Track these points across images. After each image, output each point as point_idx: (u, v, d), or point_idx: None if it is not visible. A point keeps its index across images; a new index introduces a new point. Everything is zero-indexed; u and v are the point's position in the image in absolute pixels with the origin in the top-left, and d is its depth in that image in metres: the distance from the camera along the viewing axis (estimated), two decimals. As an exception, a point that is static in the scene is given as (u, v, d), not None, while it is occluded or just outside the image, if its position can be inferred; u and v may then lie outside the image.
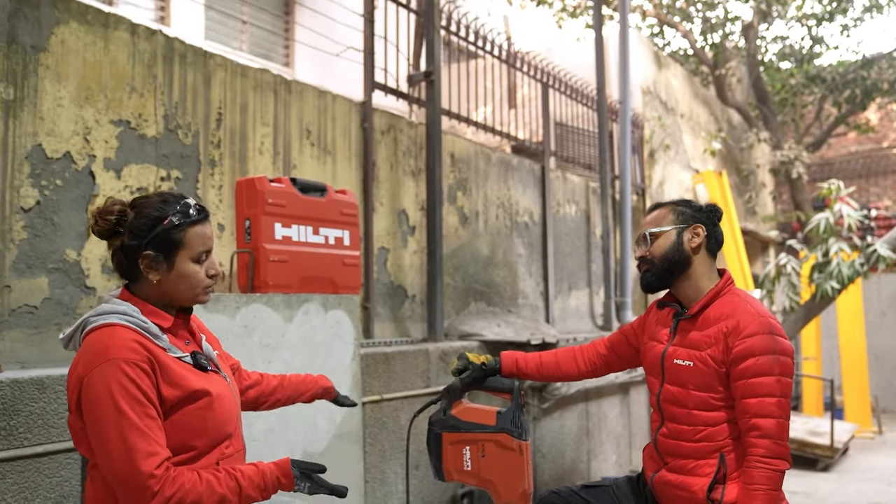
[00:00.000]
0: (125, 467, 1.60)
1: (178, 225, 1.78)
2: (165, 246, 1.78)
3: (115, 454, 1.60)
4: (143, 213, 1.79)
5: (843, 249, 6.72)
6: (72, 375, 1.70)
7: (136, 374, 1.65)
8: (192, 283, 1.82)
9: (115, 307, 1.76)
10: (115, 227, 1.78)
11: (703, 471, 2.13)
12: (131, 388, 1.63)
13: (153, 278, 1.79)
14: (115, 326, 1.71)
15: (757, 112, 11.56)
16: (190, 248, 1.80)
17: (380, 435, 3.81)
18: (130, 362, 1.65)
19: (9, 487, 2.33)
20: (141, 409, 1.64)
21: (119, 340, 1.68)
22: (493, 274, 5.69)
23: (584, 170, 7.41)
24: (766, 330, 2.10)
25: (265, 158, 3.92)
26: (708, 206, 2.32)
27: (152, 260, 1.78)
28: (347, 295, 3.35)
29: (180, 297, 1.84)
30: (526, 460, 2.26)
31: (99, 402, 1.62)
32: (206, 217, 1.85)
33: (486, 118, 6.08)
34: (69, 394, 1.71)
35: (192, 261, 1.81)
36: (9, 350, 2.82)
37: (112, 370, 1.64)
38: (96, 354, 1.66)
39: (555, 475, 5.25)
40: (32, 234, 2.93)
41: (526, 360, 2.48)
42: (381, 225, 4.64)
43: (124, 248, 1.78)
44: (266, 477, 1.77)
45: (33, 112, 2.94)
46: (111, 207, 1.78)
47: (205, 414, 1.77)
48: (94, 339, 1.70)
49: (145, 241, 1.77)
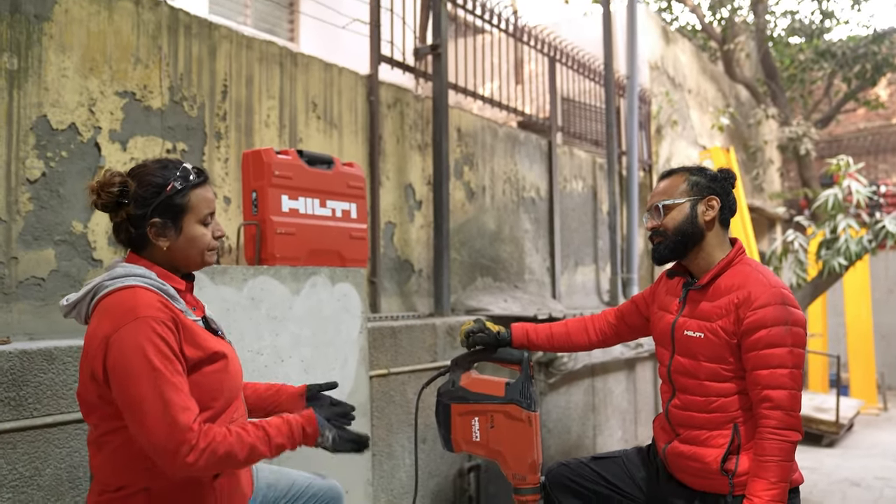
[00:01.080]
0: (163, 422, 1.60)
1: (181, 189, 1.79)
2: (172, 211, 1.78)
3: (152, 410, 1.60)
4: (145, 181, 1.78)
5: (852, 226, 6.69)
6: (94, 339, 1.68)
7: (164, 332, 1.66)
8: (201, 246, 1.83)
9: (131, 270, 1.76)
10: (118, 198, 1.77)
11: (716, 441, 2.11)
12: (162, 346, 1.64)
13: (163, 244, 1.79)
14: (135, 288, 1.71)
15: (765, 88, 11.44)
16: (196, 212, 1.82)
17: (387, 409, 3.81)
18: (159, 321, 1.66)
19: (19, 457, 2.33)
20: (172, 366, 1.65)
21: (144, 299, 1.68)
22: (500, 249, 5.67)
23: (591, 145, 7.36)
24: (778, 300, 2.07)
25: (271, 131, 3.89)
26: (722, 174, 2.26)
27: (160, 226, 1.78)
28: (355, 268, 3.34)
29: (190, 261, 1.84)
30: (535, 431, 2.26)
31: (131, 359, 1.62)
32: (206, 180, 1.86)
33: (492, 93, 6.03)
34: (90, 359, 1.69)
35: (199, 223, 1.83)
36: (16, 322, 2.82)
37: (143, 328, 1.63)
38: (124, 314, 1.66)
39: (561, 450, 5.27)
40: (38, 206, 2.92)
41: (536, 331, 2.47)
42: (388, 199, 4.62)
43: (131, 219, 1.78)
44: (292, 426, 1.78)
45: (38, 83, 2.91)
46: (112, 179, 1.77)
47: (221, 376, 1.79)
48: (117, 301, 1.69)
49: (151, 208, 1.77)
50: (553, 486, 2.38)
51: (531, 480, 2.27)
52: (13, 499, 2.31)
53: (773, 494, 1.98)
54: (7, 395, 2.31)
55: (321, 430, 1.84)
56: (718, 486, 2.11)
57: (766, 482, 1.98)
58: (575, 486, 2.36)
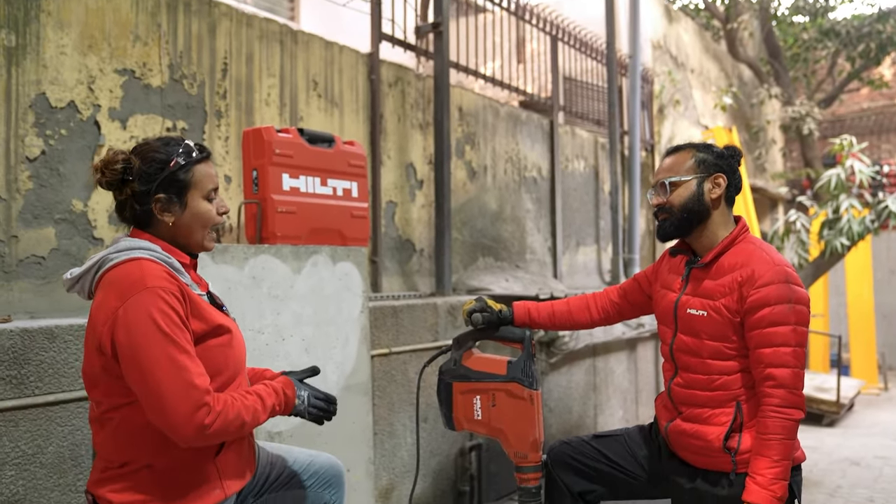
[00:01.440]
0: (180, 386, 1.61)
1: (184, 165, 1.80)
2: (176, 186, 1.79)
3: (167, 377, 1.61)
4: (148, 157, 1.79)
5: (854, 206, 6.65)
6: (101, 311, 1.68)
7: (173, 301, 1.67)
8: (205, 221, 1.84)
9: (136, 243, 1.76)
10: (122, 176, 1.78)
11: (718, 420, 2.11)
12: (173, 315, 1.65)
13: (168, 220, 1.80)
14: (141, 260, 1.72)
15: (768, 67, 11.37)
16: (200, 187, 1.83)
17: (388, 388, 3.82)
18: (167, 291, 1.67)
19: (21, 435, 2.34)
20: (184, 335, 1.67)
21: (151, 270, 1.69)
22: (501, 229, 5.66)
23: (593, 125, 7.32)
24: (781, 278, 2.06)
25: (272, 110, 3.86)
26: (728, 151, 2.24)
27: (165, 202, 1.79)
28: (356, 247, 3.33)
29: (193, 238, 1.85)
30: (536, 409, 2.26)
31: (141, 328, 1.62)
32: (208, 156, 1.88)
33: (494, 72, 5.99)
34: (96, 332, 1.69)
35: (204, 198, 1.84)
36: (17, 300, 2.82)
37: (152, 297, 1.64)
38: (131, 285, 1.66)
39: (562, 429, 5.28)
40: (38, 185, 2.90)
41: (538, 309, 2.46)
42: (389, 178, 4.60)
43: (135, 196, 1.79)
44: (276, 389, 1.86)
45: (36, 60, 2.89)
46: (115, 157, 1.78)
47: (225, 350, 1.80)
48: (123, 273, 1.69)
49: (156, 184, 1.78)
50: (555, 463, 2.39)
51: (533, 458, 2.28)
52: (16, 476, 2.32)
53: (775, 472, 1.98)
54: (8, 373, 2.31)
55: (297, 392, 1.92)
56: (720, 463, 2.11)
57: (769, 460, 1.98)
58: (576, 463, 2.36)
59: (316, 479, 2.15)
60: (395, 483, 3.85)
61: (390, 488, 3.82)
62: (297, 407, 1.91)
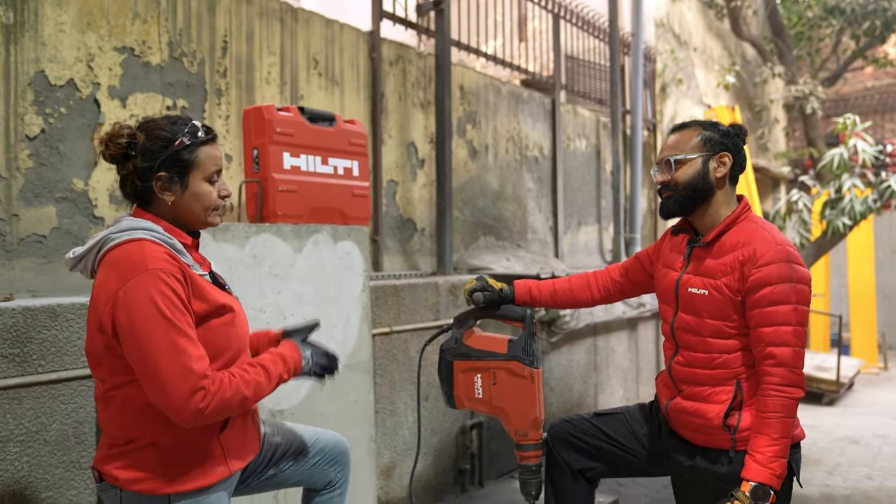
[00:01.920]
0: (178, 369, 1.61)
1: (188, 145, 1.79)
2: (179, 166, 1.79)
3: (165, 360, 1.61)
4: (153, 134, 1.79)
5: (857, 185, 6.64)
6: (101, 291, 1.69)
7: (174, 283, 1.67)
8: (206, 204, 1.83)
9: (137, 223, 1.76)
10: (125, 150, 1.78)
11: (718, 398, 2.12)
12: (173, 297, 1.65)
13: (168, 199, 1.79)
14: (142, 241, 1.72)
15: (772, 46, 11.28)
16: (202, 168, 1.82)
17: (389, 366, 3.83)
18: (168, 272, 1.67)
19: (25, 412, 2.35)
20: (184, 317, 1.66)
21: (152, 252, 1.69)
22: (503, 208, 5.65)
23: (595, 104, 7.28)
24: (783, 258, 2.06)
25: (272, 88, 3.84)
26: (734, 129, 2.22)
27: (167, 181, 1.78)
28: (357, 226, 3.32)
29: (194, 219, 1.84)
30: (537, 388, 2.26)
31: (142, 311, 1.63)
32: (214, 138, 1.86)
33: (496, 50, 5.94)
34: (98, 311, 1.69)
35: (205, 180, 1.83)
36: (19, 279, 2.82)
37: (152, 280, 1.64)
38: (132, 266, 1.66)
39: (563, 408, 5.31)
40: (38, 163, 2.89)
41: (539, 287, 2.46)
42: (390, 157, 4.59)
43: (137, 172, 1.79)
44: (283, 356, 1.87)
45: (34, 37, 2.87)
46: (120, 131, 1.78)
47: (228, 329, 1.81)
48: (124, 254, 1.69)
49: (158, 162, 1.77)
50: (555, 441, 2.40)
51: (533, 436, 2.29)
52: (20, 453, 2.33)
53: (774, 450, 1.99)
54: (11, 351, 2.32)
55: (302, 352, 1.94)
56: (720, 441, 2.12)
57: (769, 438, 1.99)
58: (577, 441, 2.37)
59: (322, 456, 2.16)
60: (397, 461, 3.88)
61: (392, 466, 3.84)
62: (303, 369, 1.93)
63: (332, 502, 2.21)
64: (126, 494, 1.74)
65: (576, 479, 2.37)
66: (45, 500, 2.40)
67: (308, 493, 2.22)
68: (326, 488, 2.19)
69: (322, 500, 2.20)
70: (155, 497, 1.73)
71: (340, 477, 2.22)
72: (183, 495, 1.74)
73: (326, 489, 2.20)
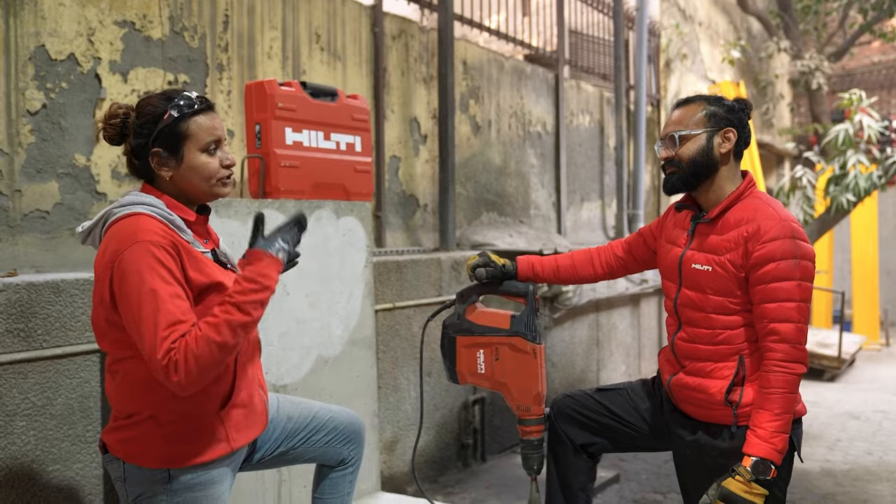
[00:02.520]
0: (153, 343, 1.60)
1: (178, 118, 1.78)
2: (170, 140, 1.78)
3: (147, 332, 1.61)
4: (143, 111, 1.79)
5: (862, 161, 6.61)
6: (99, 264, 1.72)
7: (162, 255, 1.66)
8: (205, 175, 1.81)
9: (139, 199, 1.77)
10: (121, 130, 1.80)
11: (721, 373, 2.12)
12: (159, 268, 1.65)
13: (165, 175, 1.80)
14: (139, 216, 1.72)
15: (778, 20, 11.16)
16: (196, 139, 1.80)
17: (392, 342, 3.84)
18: (157, 244, 1.67)
19: (31, 387, 2.36)
20: (170, 288, 1.65)
21: (144, 225, 1.70)
22: (506, 184, 5.64)
23: (599, 79, 7.23)
24: (787, 234, 2.05)
25: (274, 63, 3.82)
26: (739, 105, 2.20)
27: (160, 156, 1.78)
28: (360, 202, 3.32)
29: (197, 191, 1.83)
30: (540, 363, 2.27)
31: (129, 281, 1.64)
32: (207, 107, 1.83)
33: (499, 25, 5.89)
34: (99, 284, 1.72)
35: (201, 151, 1.80)
36: (23, 254, 2.83)
37: (141, 251, 1.65)
38: (125, 239, 1.68)
39: (565, 384, 5.33)
40: (40, 139, 2.89)
41: (542, 263, 2.46)
42: (393, 133, 4.57)
43: (134, 150, 1.80)
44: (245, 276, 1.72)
45: (34, 11, 2.85)
46: (116, 112, 1.80)
47: None
48: (120, 228, 1.71)
49: (150, 138, 1.77)
50: (558, 416, 2.41)
51: (535, 411, 2.30)
52: (27, 426, 2.35)
53: (776, 425, 1.99)
54: (16, 326, 2.33)
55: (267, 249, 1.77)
56: (721, 416, 2.12)
57: (771, 413, 2.00)
58: (580, 416, 2.38)
59: (336, 434, 2.17)
60: (400, 436, 3.90)
61: (394, 441, 3.87)
62: (286, 263, 1.81)
63: (344, 479, 2.22)
64: (128, 467, 1.76)
65: (577, 453, 2.38)
66: (52, 473, 2.42)
67: (321, 470, 2.23)
68: (339, 466, 2.20)
69: (335, 477, 2.21)
70: (155, 471, 1.75)
71: (354, 455, 2.23)
72: (182, 471, 1.76)
73: (339, 467, 2.21)
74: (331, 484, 2.21)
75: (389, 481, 3.78)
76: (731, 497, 1.98)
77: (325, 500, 2.22)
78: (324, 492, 2.22)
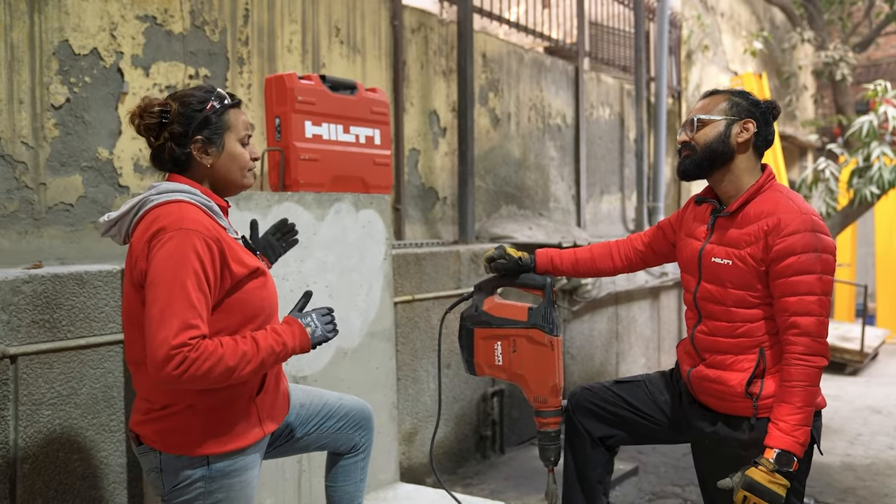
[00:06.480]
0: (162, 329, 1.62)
1: (219, 108, 1.86)
2: (214, 129, 1.85)
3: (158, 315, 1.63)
4: (185, 101, 1.85)
5: (886, 153, 6.53)
6: (137, 246, 1.73)
7: (203, 249, 1.70)
8: (242, 163, 1.90)
9: (178, 186, 1.81)
10: (160, 120, 1.83)
11: (741, 366, 2.12)
12: (195, 263, 1.68)
13: (207, 161, 1.85)
14: (182, 202, 1.76)
15: (802, 10, 11.02)
16: (235, 130, 1.89)
17: (411, 334, 3.86)
18: (202, 237, 1.70)
19: (56, 377, 2.41)
20: (199, 284, 1.68)
21: (191, 214, 1.73)
22: (525, 177, 5.63)
23: (619, 71, 7.19)
24: (808, 227, 2.04)
25: (294, 57, 3.84)
26: (766, 103, 2.21)
27: (205, 143, 1.84)
28: (379, 195, 3.33)
29: (231, 180, 1.90)
30: (557, 355, 2.27)
31: (166, 264, 1.66)
32: (239, 103, 1.93)
33: (518, 17, 5.88)
34: (134, 264, 1.73)
35: (239, 142, 1.89)
36: (47, 247, 2.87)
37: (185, 240, 1.68)
38: (171, 224, 1.70)
39: (584, 377, 5.33)
40: (64, 132, 2.93)
41: (561, 256, 2.46)
42: (412, 126, 4.58)
43: (174, 138, 1.83)
44: (275, 329, 1.81)
45: (58, 6, 2.89)
46: (153, 102, 1.84)
47: (262, 292, 1.85)
48: (165, 212, 1.73)
49: (194, 126, 1.83)
50: (575, 409, 2.41)
51: (552, 403, 2.30)
52: (52, 416, 2.39)
53: (798, 419, 1.99)
54: (42, 317, 2.37)
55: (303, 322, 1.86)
56: (741, 408, 2.12)
57: (792, 406, 1.99)
58: (597, 409, 2.39)
59: (346, 420, 2.20)
60: (419, 427, 3.92)
61: (414, 432, 3.89)
62: (314, 337, 1.87)
63: (356, 466, 2.25)
64: (166, 457, 1.78)
65: (595, 446, 2.38)
66: (77, 461, 2.46)
67: (332, 457, 2.26)
68: (350, 452, 2.24)
69: (346, 464, 2.24)
70: (195, 458, 1.77)
71: (364, 441, 2.26)
72: (221, 456, 1.79)
73: (350, 453, 2.24)
74: (343, 471, 2.25)
75: (408, 472, 3.81)
76: (755, 486, 1.97)
77: (338, 488, 2.25)
78: (336, 480, 2.25)
